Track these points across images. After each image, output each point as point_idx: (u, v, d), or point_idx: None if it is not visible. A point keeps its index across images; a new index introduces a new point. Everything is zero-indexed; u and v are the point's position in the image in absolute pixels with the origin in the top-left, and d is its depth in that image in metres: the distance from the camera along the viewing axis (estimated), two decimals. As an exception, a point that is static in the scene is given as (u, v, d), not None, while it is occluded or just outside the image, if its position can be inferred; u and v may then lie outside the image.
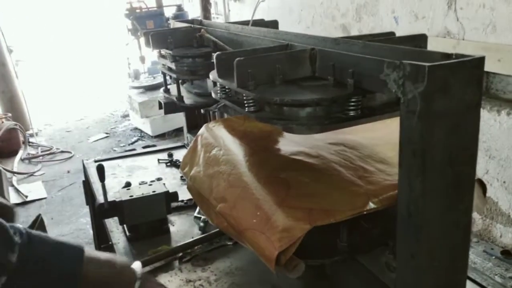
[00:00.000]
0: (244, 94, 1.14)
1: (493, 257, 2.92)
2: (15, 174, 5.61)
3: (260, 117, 1.12)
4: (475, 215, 3.18)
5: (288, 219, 1.08)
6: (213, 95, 1.38)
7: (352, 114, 1.02)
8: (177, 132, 6.32)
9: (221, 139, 1.50)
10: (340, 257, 1.15)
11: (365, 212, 1.09)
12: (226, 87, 1.28)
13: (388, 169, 1.23)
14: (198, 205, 1.52)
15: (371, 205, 1.10)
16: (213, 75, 1.30)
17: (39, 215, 1.72)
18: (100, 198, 1.68)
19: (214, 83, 1.37)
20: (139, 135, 6.78)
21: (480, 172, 3.06)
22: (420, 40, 1.24)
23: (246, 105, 1.15)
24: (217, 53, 1.24)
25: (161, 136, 6.49)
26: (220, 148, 1.45)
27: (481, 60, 0.80)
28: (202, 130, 1.61)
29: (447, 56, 0.86)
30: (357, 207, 1.09)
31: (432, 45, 1.24)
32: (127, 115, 7.55)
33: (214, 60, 1.24)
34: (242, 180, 1.27)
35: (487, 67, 0.83)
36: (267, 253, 1.08)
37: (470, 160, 0.87)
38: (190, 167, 1.55)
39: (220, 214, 1.28)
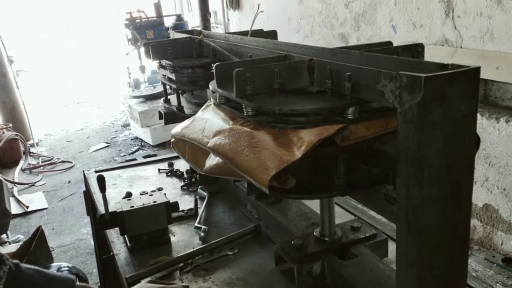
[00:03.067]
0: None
1: (495, 264, 2.91)
2: (16, 185, 5.62)
3: (259, 120, 1.13)
4: (476, 222, 3.18)
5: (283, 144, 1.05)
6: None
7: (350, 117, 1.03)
8: (178, 141, 6.32)
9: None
10: (337, 193, 1.14)
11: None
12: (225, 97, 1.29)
13: None
14: (185, 158, 1.45)
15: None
16: (212, 85, 1.31)
17: (39, 227, 1.72)
18: (101, 209, 1.69)
19: (214, 93, 1.38)
20: (140, 144, 6.78)
21: (480, 180, 3.07)
22: (417, 49, 1.25)
23: (244, 109, 1.16)
24: (217, 63, 1.25)
25: (162, 145, 6.49)
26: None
27: (476, 71, 0.81)
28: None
29: (443, 66, 0.87)
30: None
31: (430, 53, 1.25)
32: (128, 125, 7.57)
33: (214, 70, 1.25)
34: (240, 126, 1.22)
35: (486, 75, 0.84)
36: (260, 174, 1.03)
37: (468, 169, 0.87)
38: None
39: (212, 149, 1.23)
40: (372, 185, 1.12)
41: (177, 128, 1.48)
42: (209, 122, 1.33)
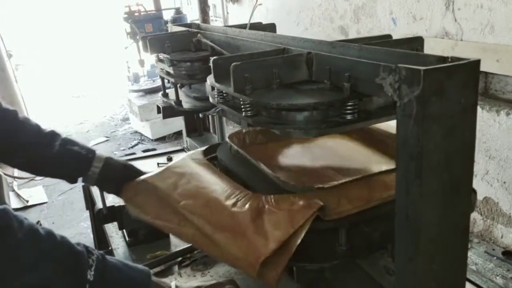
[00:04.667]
0: (241, 99, 1.14)
1: (495, 257, 2.91)
2: (16, 179, 5.61)
3: (257, 121, 1.12)
4: (476, 215, 3.18)
5: (278, 216, 1.04)
6: (210, 99, 1.38)
7: (349, 118, 1.02)
8: (177, 135, 6.31)
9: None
10: (339, 261, 1.14)
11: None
12: (223, 91, 1.28)
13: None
14: (146, 216, 1.35)
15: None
16: (210, 79, 1.30)
17: (38, 222, 1.72)
18: (100, 204, 1.68)
19: (212, 88, 1.37)
20: (139, 138, 6.77)
21: (480, 173, 3.06)
22: (416, 42, 1.24)
23: (243, 109, 1.15)
24: (214, 57, 1.24)
25: (161, 139, 6.48)
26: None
27: (476, 63, 0.80)
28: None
29: (443, 59, 0.86)
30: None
31: (431, 46, 1.24)
32: (127, 119, 7.55)
33: (211, 65, 1.24)
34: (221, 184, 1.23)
35: (486, 68, 0.83)
36: (246, 269, 1.04)
37: (467, 163, 0.86)
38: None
39: (185, 211, 1.20)
40: (375, 250, 1.14)
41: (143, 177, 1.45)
42: (184, 178, 1.30)
